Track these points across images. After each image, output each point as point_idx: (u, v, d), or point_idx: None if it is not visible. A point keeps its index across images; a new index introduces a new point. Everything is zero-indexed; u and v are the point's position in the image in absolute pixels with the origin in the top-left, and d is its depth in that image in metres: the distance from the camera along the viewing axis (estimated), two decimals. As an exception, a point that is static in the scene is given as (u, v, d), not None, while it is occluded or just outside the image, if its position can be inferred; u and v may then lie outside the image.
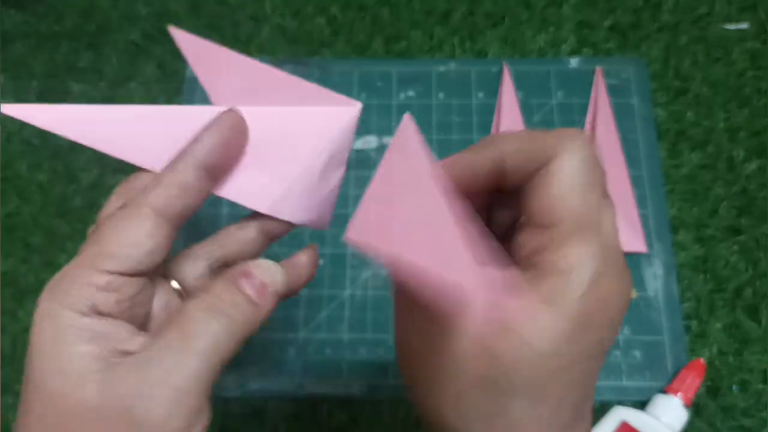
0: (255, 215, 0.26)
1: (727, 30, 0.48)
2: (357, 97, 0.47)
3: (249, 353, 0.41)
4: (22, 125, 0.47)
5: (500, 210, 0.25)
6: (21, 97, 0.47)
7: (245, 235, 0.26)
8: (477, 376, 0.20)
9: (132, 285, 0.21)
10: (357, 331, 0.41)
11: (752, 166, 0.44)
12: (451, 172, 0.23)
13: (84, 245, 0.21)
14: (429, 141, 0.46)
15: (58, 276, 0.21)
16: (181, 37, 0.24)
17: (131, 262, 0.21)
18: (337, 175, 0.27)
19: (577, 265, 0.19)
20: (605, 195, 0.21)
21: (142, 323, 0.23)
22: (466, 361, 0.20)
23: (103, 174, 0.45)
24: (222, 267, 0.26)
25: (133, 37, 0.49)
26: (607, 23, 0.49)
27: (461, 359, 0.20)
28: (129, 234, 0.21)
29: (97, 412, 0.19)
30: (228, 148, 0.23)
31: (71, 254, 0.43)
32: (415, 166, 0.21)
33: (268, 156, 0.25)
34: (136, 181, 0.24)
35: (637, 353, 0.40)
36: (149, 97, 0.47)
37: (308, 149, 0.25)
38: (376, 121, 0.46)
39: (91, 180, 0.45)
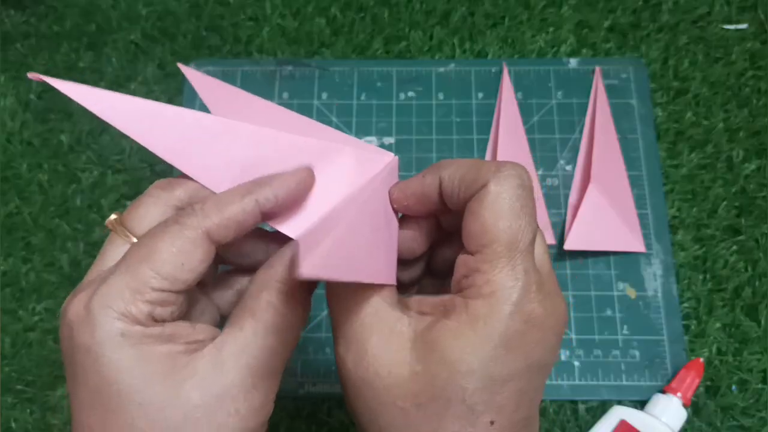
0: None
1: (726, 30, 0.48)
2: (357, 97, 0.47)
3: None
4: (23, 125, 0.47)
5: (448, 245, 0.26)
6: (21, 97, 0.47)
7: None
8: (410, 396, 0.20)
9: (180, 297, 0.22)
10: (357, 331, 0.41)
11: (752, 166, 0.44)
12: (404, 194, 0.24)
13: (134, 253, 0.21)
14: (429, 141, 0.46)
15: (104, 288, 0.21)
16: (193, 76, 0.24)
17: (182, 285, 0.21)
18: (390, 227, 0.24)
19: (500, 288, 0.20)
20: (533, 222, 0.21)
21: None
22: (400, 384, 0.21)
23: (103, 174, 0.45)
24: None
25: (134, 37, 0.49)
26: (606, 24, 0.49)
27: (394, 382, 0.21)
28: (185, 258, 0.21)
29: (204, 409, 0.21)
30: (291, 202, 0.24)
31: (72, 254, 0.43)
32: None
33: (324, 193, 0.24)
34: (181, 190, 0.23)
35: (637, 353, 0.40)
36: (149, 98, 0.47)
37: (358, 190, 0.24)
38: (376, 121, 0.46)
39: (91, 180, 0.45)
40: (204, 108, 0.25)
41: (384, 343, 0.21)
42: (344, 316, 0.22)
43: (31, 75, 0.22)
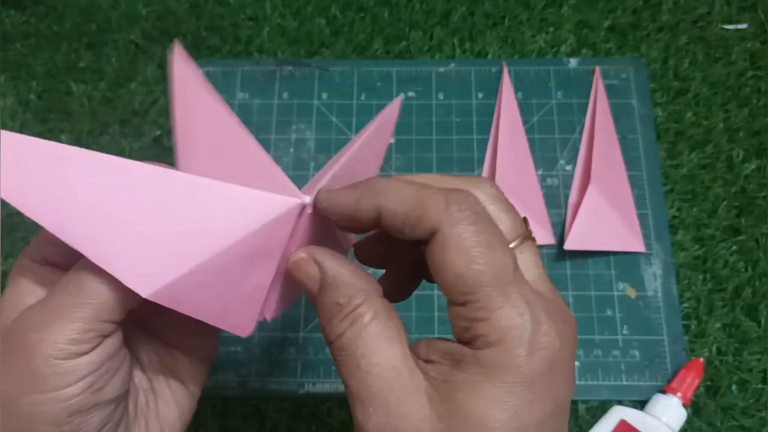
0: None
1: (726, 30, 0.48)
2: (357, 97, 0.47)
3: (249, 353, 0.41)
4: (23, 125, 0.47)
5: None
6: (21, 96, 0.47)
7: None
8: None
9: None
10: (357, 331, 0.41)
11: (751, 166, 0.44)
12: (331, 209, 0.22)
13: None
14: (429, 141, 0.46)
15: None
16: (182, 73, 0.22)
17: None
18: (263, 272, 0.22)
19: (508, 331, 0.18)
20: (507, 242, 0.20)
21: None
22: None
23: (103, 174, 0.45)
24: None
25: (134, 38, 0.49)
26: (606, 23, 0.49)
27: None
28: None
29: (7, 334, 0.20)
30: None
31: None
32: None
33: (177, 230, 0.21)
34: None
35: (637, 353, 0.40)
36: (149, 98, 0.47)
37: (226, 233, 0.21)
38: (375, 121, 0.46)
39: (92, 180, 0.45)
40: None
41: (405, 401, 0.19)
42: (357, 376, 0.20)
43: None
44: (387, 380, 0.19)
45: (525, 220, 0.22)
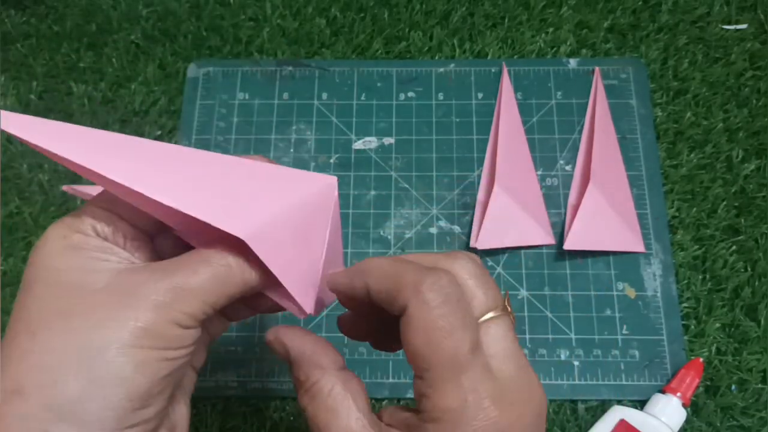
0: None
1: (726, 30, 0.48)
2: (357, 98, 0.47)
3: (249, 353, 0.41)
4: (23, 125, 0.47)
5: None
6: (21, 97, 0.47)
7: None
8: None
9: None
10: (357, 331, 0.41)
11: (751, 166, 0.44)
12: (335, 289, 0.24)
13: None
14: (429, 141, 0.46)
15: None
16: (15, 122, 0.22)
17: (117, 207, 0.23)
18: (316, 247, 0.25)
19: (445, 413, 0.20)
20: (472, 323, 0.21)
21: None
22: None
23: (103, 174, 0.45)
24: None
25: (134, 38, 0.49)
26: (606, 24, 0.49)
27: None
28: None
29: (104, 292, 0.20)
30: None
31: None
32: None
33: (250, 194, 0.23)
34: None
35: (636, 353, 0.40)
36: (149, 98, 0.47)
37: (284, 196, 0.23)
38: (375, 121, 0.46)
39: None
40: (204, 106, 0.25)
41: None
42: None
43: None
44: None
45: (506, 294, 0.23)
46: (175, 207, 0.21)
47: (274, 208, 0.23)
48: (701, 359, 0.39)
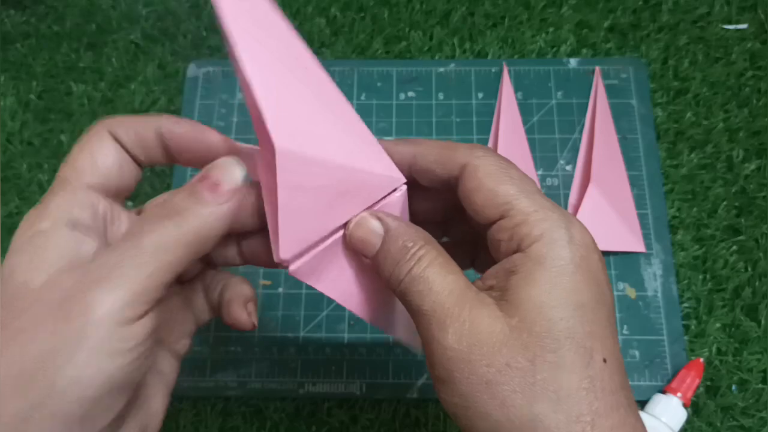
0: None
1: (726, 30, 0.48)
2: (357, 97, 0.47)
3: (249, 353, 0.41)
4: (23, 125, 0.47)
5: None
6: (21, 97, 0.47)
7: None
8: (520, 351, 0.20)
9: (103, 205, 0.23)
10: (357, 331, 0.41)
11: (751, 166, 0.44)
12: (391, 151, 0.25)
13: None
14: (429, 141, 0.46)
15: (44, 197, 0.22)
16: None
17: (101, 178, 0.23)
18: (351, 209, 0.24)
19: (548, 222, 0.21)
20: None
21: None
22: (507, 343, 0.20)
23: (103, 174, 0.45)
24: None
25: (134, 37, 0.49)
26: (606, 24, 0.49)
27: (501, 340, 0.20)
28: (97, 159, 0.23)
29: (37, 295, 0.20)
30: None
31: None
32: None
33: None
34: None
35: (637, 353, 0.40)
36: (149, 98, 0.47)
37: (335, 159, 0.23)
38: (375, 121, 0.46)
39: (92, 180, 0.45)
40: (206, 103, 0.25)
41: (477, 309, 0.21)
42: (430, 297, 0.21)
43: None
44: (459, 296, 0.21)
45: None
46: (258, 92, 0.21)
47: (335, 160, 0.22)
48: (702, 359, 0.39)
